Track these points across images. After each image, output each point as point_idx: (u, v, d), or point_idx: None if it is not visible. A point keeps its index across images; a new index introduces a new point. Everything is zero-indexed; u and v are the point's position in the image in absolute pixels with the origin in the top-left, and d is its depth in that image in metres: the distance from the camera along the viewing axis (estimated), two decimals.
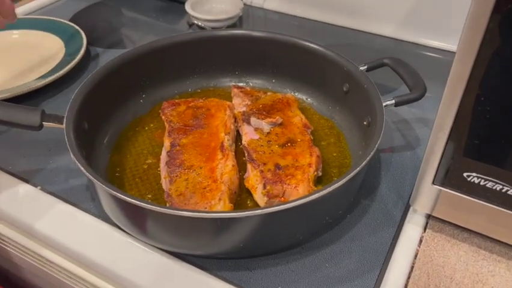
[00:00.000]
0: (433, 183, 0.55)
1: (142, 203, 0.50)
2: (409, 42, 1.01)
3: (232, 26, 1.05)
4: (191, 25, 1.04)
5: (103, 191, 0.55)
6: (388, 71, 0.72)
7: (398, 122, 0.79)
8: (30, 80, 0.84)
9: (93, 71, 0.71)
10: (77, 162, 0.56)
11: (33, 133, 0.65)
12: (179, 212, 0.50)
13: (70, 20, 1.04)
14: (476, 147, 0.49)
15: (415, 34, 1.00)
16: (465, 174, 0.52)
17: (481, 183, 0.52)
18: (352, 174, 0.54)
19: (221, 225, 0.51)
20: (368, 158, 0.56)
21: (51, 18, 1.03)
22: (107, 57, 0.95)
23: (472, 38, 0.43)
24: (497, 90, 0.45)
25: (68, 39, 0.96)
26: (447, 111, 0.49)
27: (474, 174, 0.51)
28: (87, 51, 0.95)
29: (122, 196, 0.51)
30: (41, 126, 0.62)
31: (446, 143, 0.51)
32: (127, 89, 0.77)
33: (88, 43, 0.95)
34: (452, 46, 0.97)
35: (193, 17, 1.03)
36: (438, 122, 0.50)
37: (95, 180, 0.53)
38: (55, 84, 0.85)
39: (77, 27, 0.98)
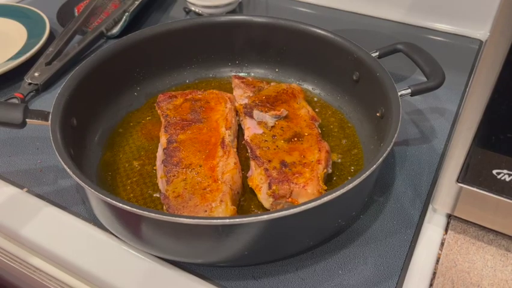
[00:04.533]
0: (457, 181, 0.50)
1: (135, 209, 0.46)
2: (418, 26, 0.95)
3: (232, 12, 1.00)
4: (188, 12, 0.99)
5: (92, 195, 0.50)
6: (397, 58, 0.67)
7: (412, 113, 0.74)
8: None
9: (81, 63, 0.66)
10: (63, 163, 0.51)
11: (19, 130, 0.61)
12: (176, 218, 0.45)
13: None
14: (508, 142, 0.44)
15: (425, 18, 0.95)
16: (494, 172, 0.47)
17: None
18: (367, 173, 0.49)
19: (223, 231, 0.47)
20: (384, 155, 0.51)
21: (12, 4, 0.97)
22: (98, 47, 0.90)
23: (509, 16, 0.37)
24: None
25: (31, 24, 0.90)
26: (475, 102, 0.44)
27: (505, 171, 0.46)
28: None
29: (113, 201, 0.46)
30: (24, 124, 0.58)
31: (474, 137, 0.45)
32: (120, 81, 0.72)
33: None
34: (464, 30, 0.91)
35: (190, 3, 0.98)
36: (464, 114, 0.45)
37: (83, 184, 0.48)
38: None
39: (37, 11, 0.92)
